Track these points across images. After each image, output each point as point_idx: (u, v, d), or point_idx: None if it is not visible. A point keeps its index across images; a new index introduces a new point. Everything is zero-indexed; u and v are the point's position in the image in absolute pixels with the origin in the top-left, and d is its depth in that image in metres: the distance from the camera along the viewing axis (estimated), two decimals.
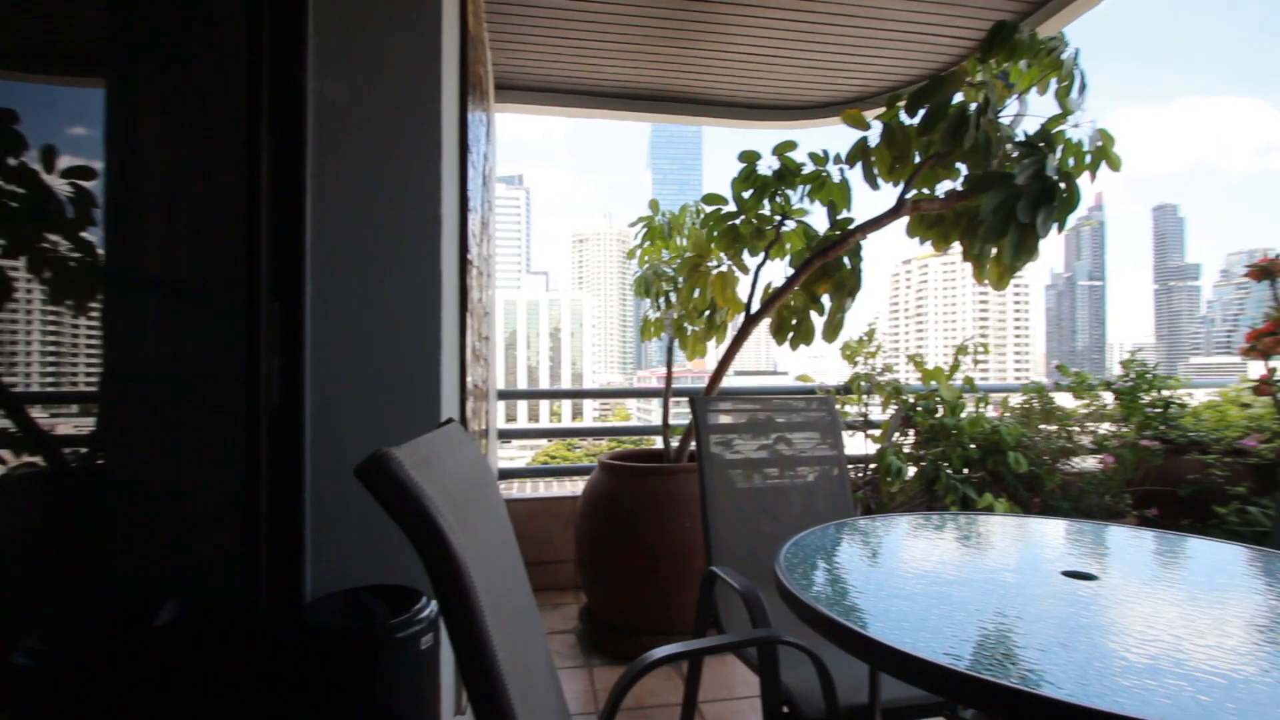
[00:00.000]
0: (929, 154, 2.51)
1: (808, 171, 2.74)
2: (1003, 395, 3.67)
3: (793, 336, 2.85)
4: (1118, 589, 1.08)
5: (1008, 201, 2.30)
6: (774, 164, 2.75)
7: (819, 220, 2.75)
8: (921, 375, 3.51)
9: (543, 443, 14.69)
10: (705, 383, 2.96)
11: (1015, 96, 2.49)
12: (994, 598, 1.05)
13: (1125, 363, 3.53)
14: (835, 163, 2.69)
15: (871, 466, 3.40)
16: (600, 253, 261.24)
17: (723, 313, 3.02)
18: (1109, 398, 3.47)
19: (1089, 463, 3.33)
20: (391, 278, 1.67)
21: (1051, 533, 1.46)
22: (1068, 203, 2.34)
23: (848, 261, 2.71)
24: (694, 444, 1.85)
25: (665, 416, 3.11)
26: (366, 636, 1.35)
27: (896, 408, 3.47)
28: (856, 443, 3.51)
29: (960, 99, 2.40)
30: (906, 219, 2.65)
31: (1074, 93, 2.42)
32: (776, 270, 3.05)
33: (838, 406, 2.20)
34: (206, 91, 1.54)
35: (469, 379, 2.07)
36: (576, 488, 3.66)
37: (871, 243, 2.70)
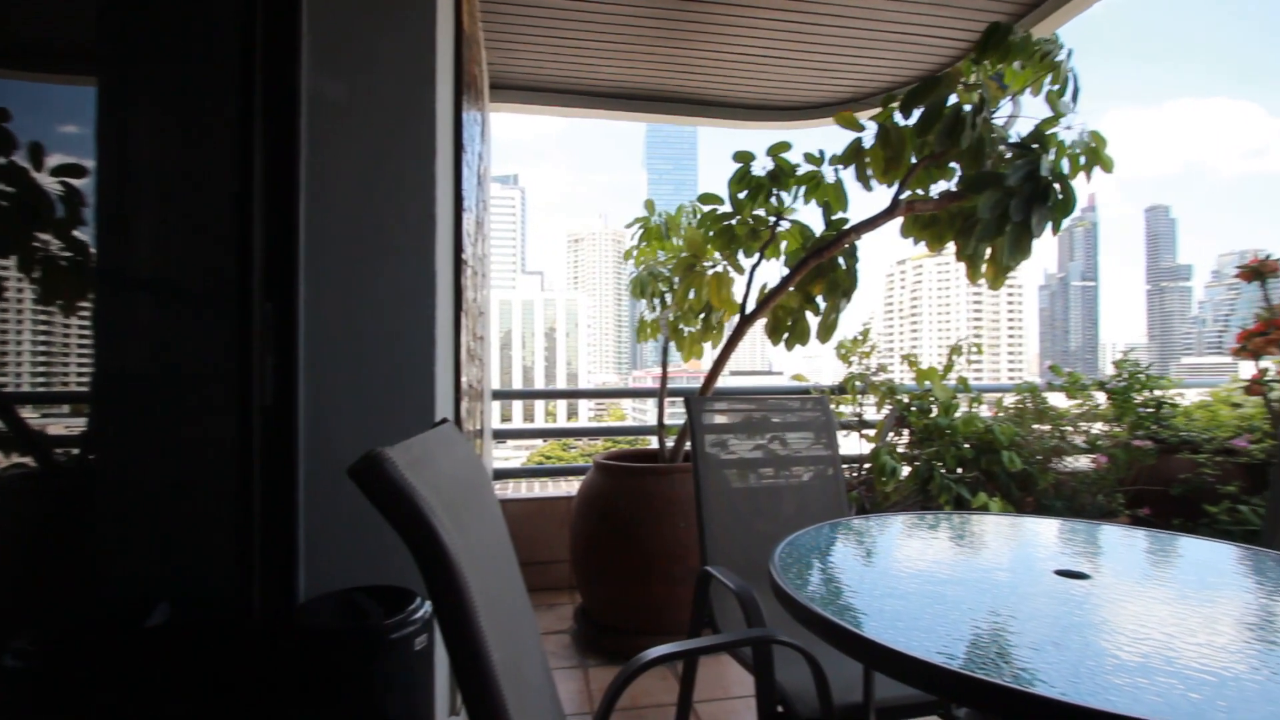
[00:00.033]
0: (924, 154, 2.51)
1: (803, 172, 2.74)
2: (997, 395, 3.69)
3: (788, 337, 2.86)
4: (1110, 588, 1.09)
5: (1003, 201, 2.31)
6: (769, 165, 2.76)
7: (814, 219, 2.76)
8: (916, 375, 3.52)
9: (538, 443, 14.69)
10: (700, 383, 2.96)
11: (1009, 98, 2.50)
12: (987, 597, 1.05)
13: (1118, 363, 3.55)
14: (830, 164, 2.70)
15: (866, 466, 3.41)
16: (595, 253, 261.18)
17: (719, 314, 3.03)
18: (1102, 398, 3.49)
19: (1082, 462, 3.35)
20: (386, 277, 1.67)
21: (1045, 532, 1.47)
22: (1064, 204, 2.35)
23: (842, 262, 2.72)
24: (689, 444, 1.84)
25: (660, 416, 3.11)
26: (360, 637, 1.34)
27: (891, 407, 3.48)
28: (851, 442, 3.52)
29: (954, 100, 2.41)
30: (901, 219, 2.66)
31: (1067, 95, 2.43)
32: (772, 270, 3.05)
33: (832, 406, 2.21)
34: (199, 89, 1.53)
35: (463, 379, 2.06)
36: (571, 488, 3.66)
37: (866, 243, 2.71)
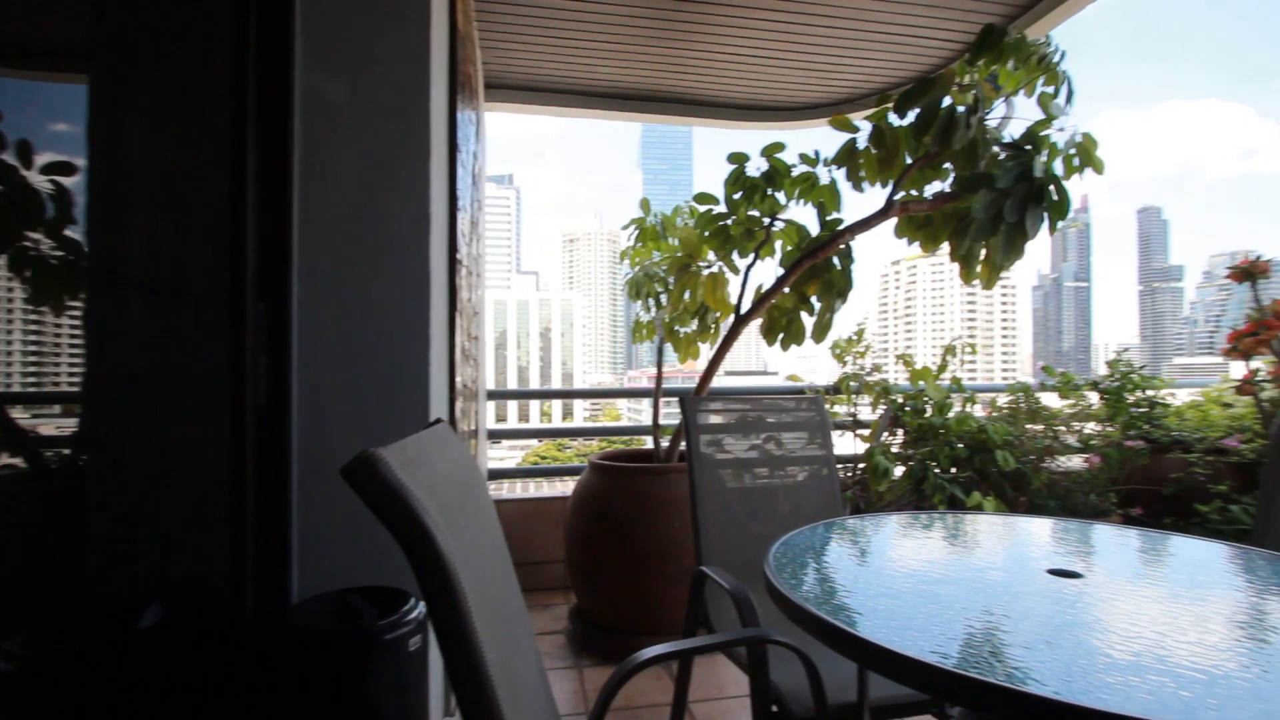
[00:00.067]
0: (919, 155, 2.52)
1: (797, 173, 2.75)
2: (990, 395, 3.70)
3: (783, 337, 2.86)
4: (1102, 587, 1.09)
5: (997, 201, 2.32)
6: (763, 165, 2.76)
7: (809, 220, 2.77)
8: (910, 375, 3.53)
9: (533, 443, 14.66)
10: (695, 383, 2.96)
11: (1003, 99, 2.52)
12: (981, 596, 1.05)
13: (1111, 363, 3.58)
14: (825, 164, 2.71)
15: (860, 466, 3.42)
16: (591, 253, 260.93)
17: (714, 314, 3.03)
18: (1094, 397, 3.51)
19: (1074, 462, 3.37)
20: (379, 277, 1.66)
21: (1037, 531, 1.47)
22: (1059, 206, 2.36)
23: (837, 262, 2.72)
24: (684, 444, 1.85)
25: (655, 416, 3.11)
26: (354, 638, 1.34)
27: (885, 407, 3.49)
28: (846, 442, 3.53)
29: (949, 101, 2.42)
30: (895, 220, 2.67)
31: (1060, 96, 2.44)
32: (767, 271, 3.07)
33: (827, 406, 2.21)
34: (192, 88, 1.52)
35: (458, 379, 2.06)
36: (566, 488, 3.66)
37: (861, 244, 2.72)
